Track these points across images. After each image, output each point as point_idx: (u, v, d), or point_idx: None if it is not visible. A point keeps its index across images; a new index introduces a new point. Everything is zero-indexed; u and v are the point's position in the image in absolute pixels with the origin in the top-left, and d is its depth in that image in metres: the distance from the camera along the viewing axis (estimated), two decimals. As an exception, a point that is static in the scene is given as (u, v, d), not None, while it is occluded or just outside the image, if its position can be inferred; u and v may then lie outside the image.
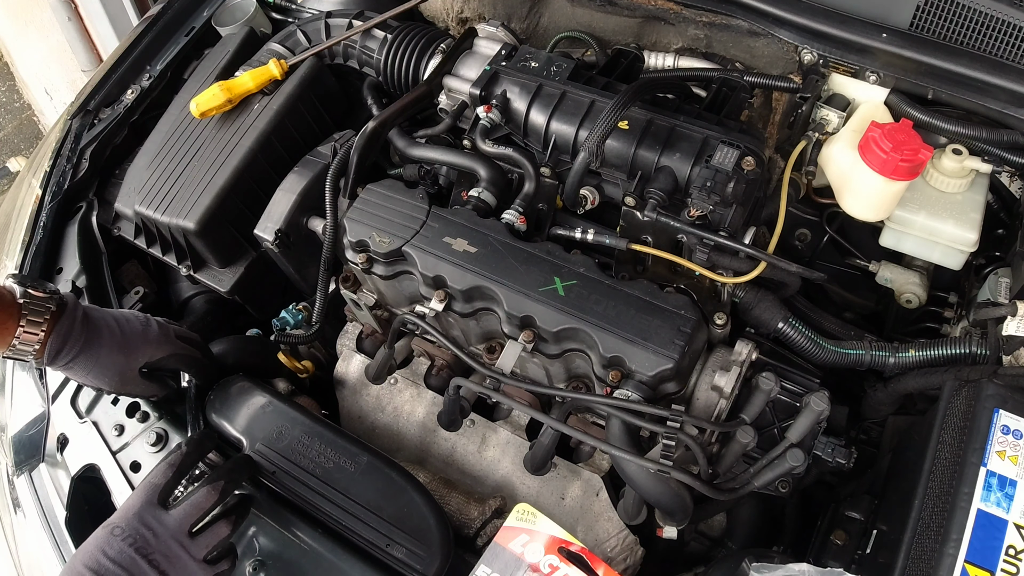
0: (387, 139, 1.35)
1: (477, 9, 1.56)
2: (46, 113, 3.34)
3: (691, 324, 1.07)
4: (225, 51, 1.55)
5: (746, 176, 1.12)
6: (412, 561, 1.03)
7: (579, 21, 1.55)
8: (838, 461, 1.14)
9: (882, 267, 1.40)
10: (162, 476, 0.96)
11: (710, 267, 1.16)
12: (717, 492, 1.05)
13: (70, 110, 1.59)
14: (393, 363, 1.30)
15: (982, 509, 0.89)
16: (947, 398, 1.02)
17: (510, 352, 1.12)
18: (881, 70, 1.30)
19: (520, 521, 1.03)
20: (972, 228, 1.25)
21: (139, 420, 1.22)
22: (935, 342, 1.18)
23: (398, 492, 1.08)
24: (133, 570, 0.88)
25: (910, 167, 1.17)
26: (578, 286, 1.11)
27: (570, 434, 1.10)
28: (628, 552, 1.20)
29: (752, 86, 1.34)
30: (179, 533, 0.93)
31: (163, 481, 0.96)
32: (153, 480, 0.96)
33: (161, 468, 0.97)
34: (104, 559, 0.88)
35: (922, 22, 1.28)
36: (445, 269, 1.14)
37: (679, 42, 1.46)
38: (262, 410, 1.16)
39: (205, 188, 1.37)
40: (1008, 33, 1.24)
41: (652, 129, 1.20)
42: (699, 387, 1.12)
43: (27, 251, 1.43)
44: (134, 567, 0.88)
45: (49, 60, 3.05)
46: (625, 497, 1.18)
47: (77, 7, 2.85)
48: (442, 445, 1.30)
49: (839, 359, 1.20)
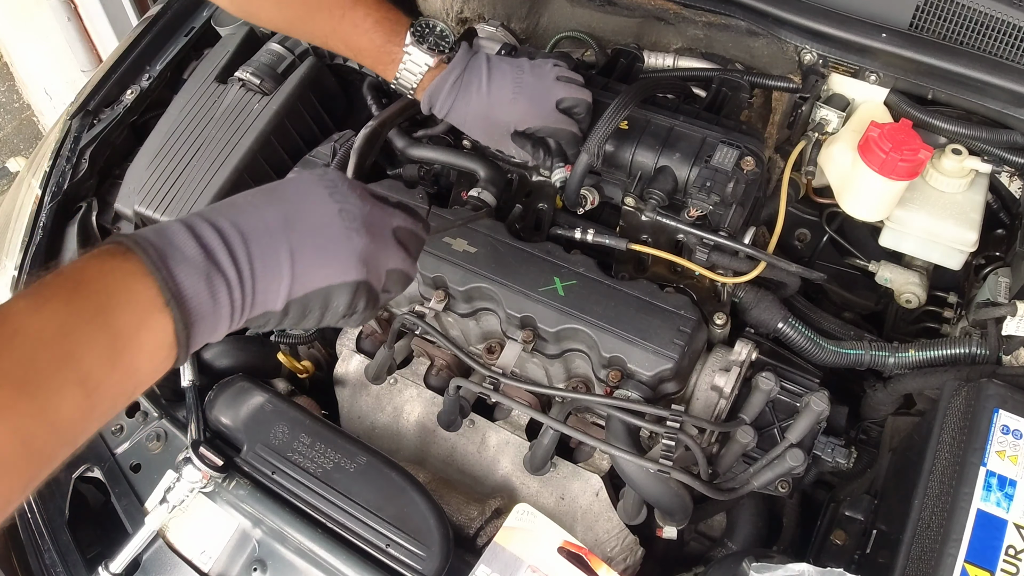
0: (387, 139, 1.35)
1: (477, 9, 1.56)
2: (46, 113, 3.34)
3: (691, 324, 1.07)
4: (225, 51, 1.55)
5: (746, 176, 1.12)
6: (412, 561, 1.03)
7: (579, 21, 1.54)
8: (838, 461, 1.14)
9: (882, 267, 1.40)
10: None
11: (710, 267, 1.16)
12: (717, 492, 1.05)
13: (70, 110, 1.59)
14: (393, 363, 1.30)
15: (982, 509, 0.89)
16: (947, 398, 1.02)
17: (510, 352, 1.12)
18: (881, 70, 1.30)
19: (520, 521, 1.03)
20: (972, 228, 1.25)
21: (139, 420, 1.22)
22: (935, 342, 1.18)
23: (398, 492, 1.08)
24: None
25: (910, 167, 1.17)
26: (578, 286, 1.11)
27: (570, 434, 1.10)
28: (628, 552, 1.20)
29: (752, 86, 1.34)
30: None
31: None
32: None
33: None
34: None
35: (922, 22, 1.28)
36: (445, 269, 1.14)
37: (679, 42, 1.46)
38: (262, 410, 1.16)
39: (205, 188, 1.37)
40: (1008, 33, 1.24)
41: (652, 129, 1.19)
42: (699, 387, 1.12)
43: (27, 251, 1.43)
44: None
45: (49, 60, 3.04)
46: (625, 497, 1.18)
47: (77, 7, 2.84)
48: (442, 445, 1.30)
49: (839, 359, 1.20)
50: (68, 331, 0.60)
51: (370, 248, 0.80)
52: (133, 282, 0.65)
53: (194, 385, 1.21)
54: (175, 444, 1.19)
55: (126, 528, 1.14)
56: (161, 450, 1.19)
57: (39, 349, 0.59)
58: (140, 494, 1.16)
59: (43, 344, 0.59)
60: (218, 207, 0.75)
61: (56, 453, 0.61)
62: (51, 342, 0.59)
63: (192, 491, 1.10)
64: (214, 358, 1.28)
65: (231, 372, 1.25)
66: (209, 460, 1.10)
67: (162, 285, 0.65)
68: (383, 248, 0.82)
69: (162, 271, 0.66)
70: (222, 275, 0.70)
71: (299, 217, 0.77)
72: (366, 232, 0.80)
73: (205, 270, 0.69)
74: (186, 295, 0.67)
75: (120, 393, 0.66)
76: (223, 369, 1.27)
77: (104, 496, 1.20)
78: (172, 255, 0.67)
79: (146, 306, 0.65)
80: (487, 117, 1.12)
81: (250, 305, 0.73)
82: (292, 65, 1.50)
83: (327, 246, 0.78)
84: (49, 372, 0.59)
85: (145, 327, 0.65)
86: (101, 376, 0.62)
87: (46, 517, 1.19)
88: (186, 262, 0.68)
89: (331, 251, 0.78)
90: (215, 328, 0.71)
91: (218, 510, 1.12)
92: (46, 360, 0.59)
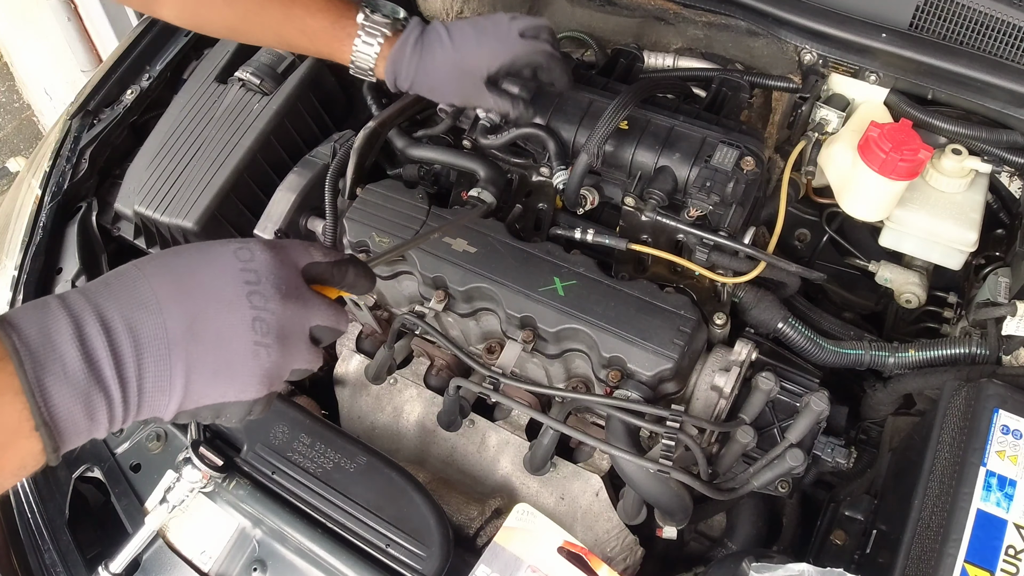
0: (387, 139, 1.35)
1: (477, 9, 1.56)
2: (46, 113, 3.34)
3: (691, 324, 1.07)
4: (225, 51, 1.55)
5: (746, 176, 1.12)
6: (412, 561, 1.03)
7: (579, 21, 1.55)
8: (838, 461, 1.14)
9: (882, 267, 1.40)
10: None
11: (710, 267, 1.16)
12: (717, 492, 1.05)
13: (70, 110, 1.59)
14: (393, 363, 1.30)
15: (982, 509, 0.89)
16: (947, 398, 1.02)
17: (510, 352, 1.12)
18: (881, 70, 1.30)
19: (520, 521, 1.03)
20: (972, 228, 1.25)
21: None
22: (935, 342, 1.18)
23: (398, 492, 1.08)
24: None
25: (910, 167, 1.17)
26: (578, 286, 1.11)
27: (570, 434, 1.10)
28: (628, 552, 1.20)
29: (752, 86, 1.34)
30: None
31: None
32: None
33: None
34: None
35: (922, 22, 1.28)
36: (445, 269, 1.14)
37: (679, 42, 1.46)
38: (262, 410, 1.16)
39: (205, 188, 1.37)
40: (1008, 33, 1.24)
41: (651, 129, 1.19)
42: (699, 387, 1.12)
43: (27, 251, 1.43)
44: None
45: (49, 60, 3.04)
46: (625, 497, 1.18)
47: (77, 7, 2.84)
48: (442, 445, 1.30)
49: (839, 359, 1.20)
50: None
51: (278, 363, 0.72)
52: (2, 399, 0.59)
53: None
54: (175, 444, 1.19)
55: (126, 528, 1.14)
56: (161, 450, 1.19)
57: None
58: (140, 494, 1.16)
59: None
60: (118, 291, 0.66)
61: None
62: None
63: (192, 491, 1.10)
64: (214, 358, 1.28)
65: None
66: (209, 460, 1.10)
67: (34, 410, 0.59)
68: (291, 356, 0.73)
69: (35, 394, 0.59)
70: (104, 393, 0.63)
71: (205, 325, 0.68)
72: (277, 346, 0.71)
73: (85, 389, 0.62)
74: (59, 419, 0.61)
75: None
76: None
77: (104, 496, 1.20)
78: (50, 368, 0.60)
79: (14, 428, 0.59)
80: (456, 67, 1.08)
81: (132, 417, 0.67)
82: (292, 65, 1.50)
83: (230, 365, 0.69)
84: None
85: (10, 448, 0.60)
86: None
87: (46, 517, 1.19)
88: (65, 379, 0.61)
89: (233, 370, 0.69)
90: (88, 438, 0.66)
91: (218, 510, 1.12)
92: None
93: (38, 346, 0.61)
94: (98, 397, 0.63)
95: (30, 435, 0.60)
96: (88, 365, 0.62)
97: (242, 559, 1.09)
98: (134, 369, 0.64)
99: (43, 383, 0.60)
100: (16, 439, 0.60)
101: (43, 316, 0.62)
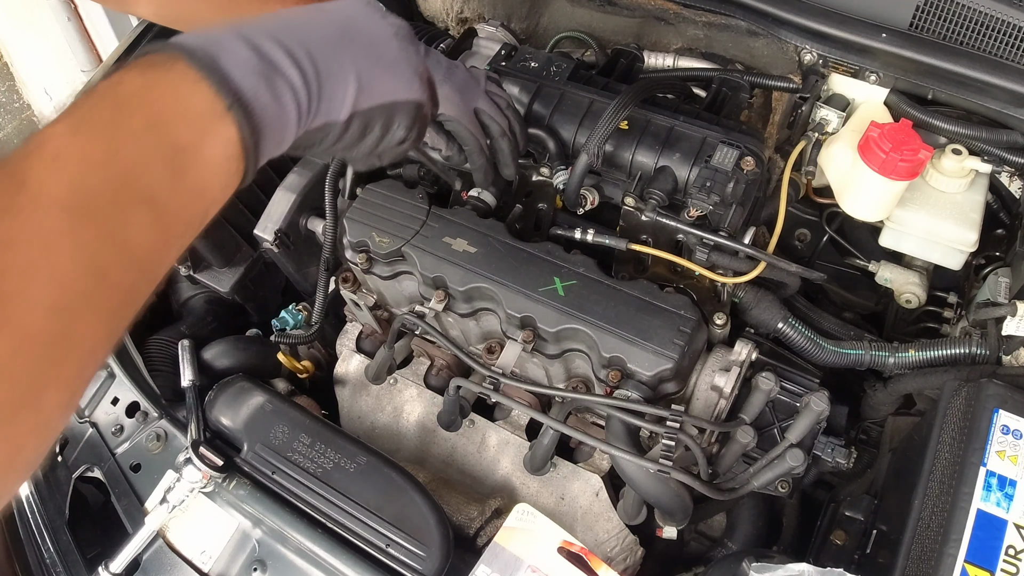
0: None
1: (477, 9, 1.56)
2: (46, 113, 3.34)
3: (691, 324, 1.07)
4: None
5: (746, 176, 1.12)
6: (412, 561, 1.03)
7: (579, 21, 1.54)
8: (838, 461, 1.14)
9: (882, 267, 1.40)
10: None
11: (710, 267, 1.16)
12: (717, 492, 1.05)
13: (70, 110, 1.59)
14: (393, 363, 1.30)
15: (982, 509, 0.89)
16: (947, 398, 1.02)
17: (510, 352, 1.12)
18: (881, 70, 1.30)
19: (520, 521, 1.03)
20: (972, 228, 1.25)
21: (139, 420, 1.22)
22: (935, 342, 1.18)
23: (398, 492, 1.08)
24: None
25: (910, 167, 1.17)
26: (578, 286, 1.11)
27: (570, 434, 1.10)
28: (628, 552, 1.20)
29: (752, 86, 1.34)
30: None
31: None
32: None
33: None
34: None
35: (922, 22, 1.28)
36: (445, 269, 1.14)
37: (679, 42, 1.46)
38: (262, 410, 1.17)
39: (205, 188, 1.37)
40: (1008, 33, 1.24)
41: (652, 129, 1.19)
42: (699, 387, 1.12)
43: (27, 251, 1.43)
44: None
45: (49, 60, 3.04)
46: (625, 497, 1.18)
47: (77, 7, 2.84)
48: (442, 445, 1.30)
49: (839, 359, 1.20)
50: (117, 149, 0.53)
51: (425, 65, 0.80)
52: (185, 90, 0.57)
53: (194, 385, 1.21)
54: (175, 444, 1.19)
55: (126, 528, 1.14)
56: (161, 450, 1.19)
57: (88, 171, 0.52)
58: (140, 494, 1.16)
59: (91, 165, 0.52)
60: (258, 20, 0.67)
61: (137, 287, 0.55)
62: (101, 163, 0.52)
63: (192, 491, 1.10)
64: (214, 358, 1.28)
65: (231, 372, 1.25)
66: (209, 460, 1.10)
67: (220, 88, 0.58)
68: (425, 70, 0.81)
69: (217, 73, 0.58)
70: (283, 77, 0.63)
71: (357, 32, 0.73)
72: (416, 51, 0.79)
73: (264, 72, 0.62)
74: (247, 97, 0.60)
75: (193, 215, 0.60)
76: (223, 369, 1.27)
77: (104, 496, 1.20)
78: (223, 58, 0.60)
79: (204, 115, 0.58)
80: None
81: (315, 111, 0.68)
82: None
83: (391, 62, 0.75)
84: (107, 195, 0.52)
85: (207, 138, 0.58)
86: (167, 196, 0.56)
87: (46, 517, 1.19)
88: (241, 64, 0.61)
89: (394, 65, 0.75)
90: (282, 135, 0.65)
91: (218, 510, 1.12)
92: (99, 182, 0.52)
93: (202, 44, 0.60)
94: (279, 79, 0.64)
95: (224, 117, 0.59)
96: (259, 55, 0.62)
97: (242, 559, 1.09)
98: (306, 57, 0.66)
99: (220, 68, 0.59)
100: (211, 124, 0.59)
101: (196, 32, 0.62)
